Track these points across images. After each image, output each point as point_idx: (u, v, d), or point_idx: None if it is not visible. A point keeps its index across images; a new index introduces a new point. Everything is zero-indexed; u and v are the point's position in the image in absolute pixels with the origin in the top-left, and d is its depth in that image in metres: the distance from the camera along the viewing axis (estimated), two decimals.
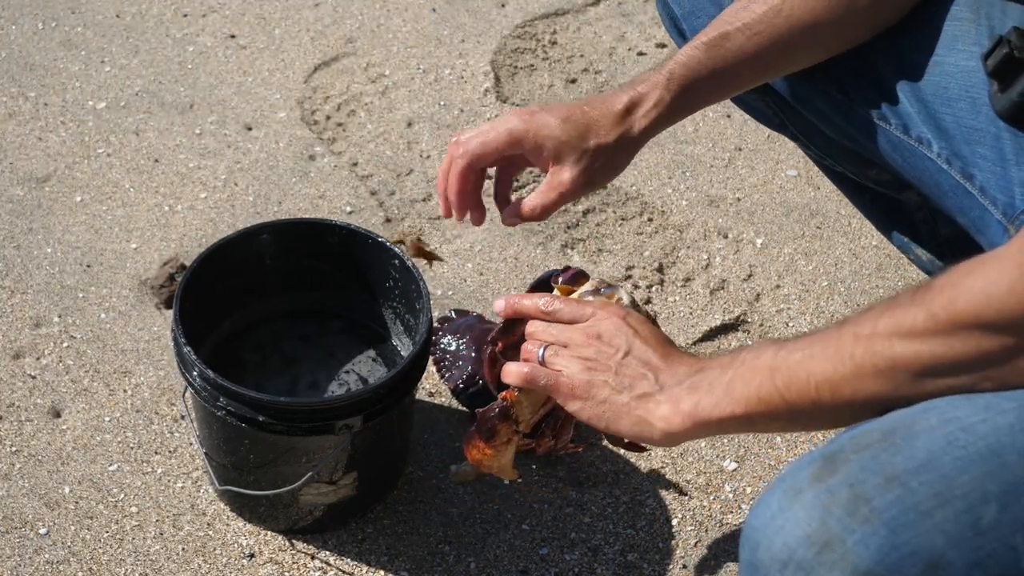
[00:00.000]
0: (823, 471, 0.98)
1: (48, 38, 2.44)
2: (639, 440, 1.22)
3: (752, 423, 1.13)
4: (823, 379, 1.06)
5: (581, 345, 1.25)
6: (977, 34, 1.34)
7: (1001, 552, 0.94)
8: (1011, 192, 1.30)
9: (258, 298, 1.76)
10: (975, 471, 0.95)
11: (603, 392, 1.21)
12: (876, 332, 1.03)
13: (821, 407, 1.07)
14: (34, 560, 1.62)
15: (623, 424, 1.20)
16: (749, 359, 1.13)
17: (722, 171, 2.23)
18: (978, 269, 0.99)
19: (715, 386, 1.15)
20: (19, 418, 1.78)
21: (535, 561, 1.66)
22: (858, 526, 0.95)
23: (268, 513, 1.65)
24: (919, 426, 0.98)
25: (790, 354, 1.09)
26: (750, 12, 1.38)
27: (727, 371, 1.14)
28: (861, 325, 1.05)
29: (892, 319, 1.02)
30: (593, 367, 1.23)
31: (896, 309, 1.03)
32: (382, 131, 2.28)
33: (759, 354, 1.12)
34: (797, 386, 1.08)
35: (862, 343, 1.04)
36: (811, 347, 1.08)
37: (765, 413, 1.11)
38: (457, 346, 1.83)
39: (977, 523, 0.94)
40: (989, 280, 0.97)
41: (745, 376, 1.12)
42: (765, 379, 1.10)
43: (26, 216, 2.08)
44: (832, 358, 1.06)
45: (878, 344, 1.02)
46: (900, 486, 0.95)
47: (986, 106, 1.31)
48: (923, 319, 1.00)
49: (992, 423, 0.97)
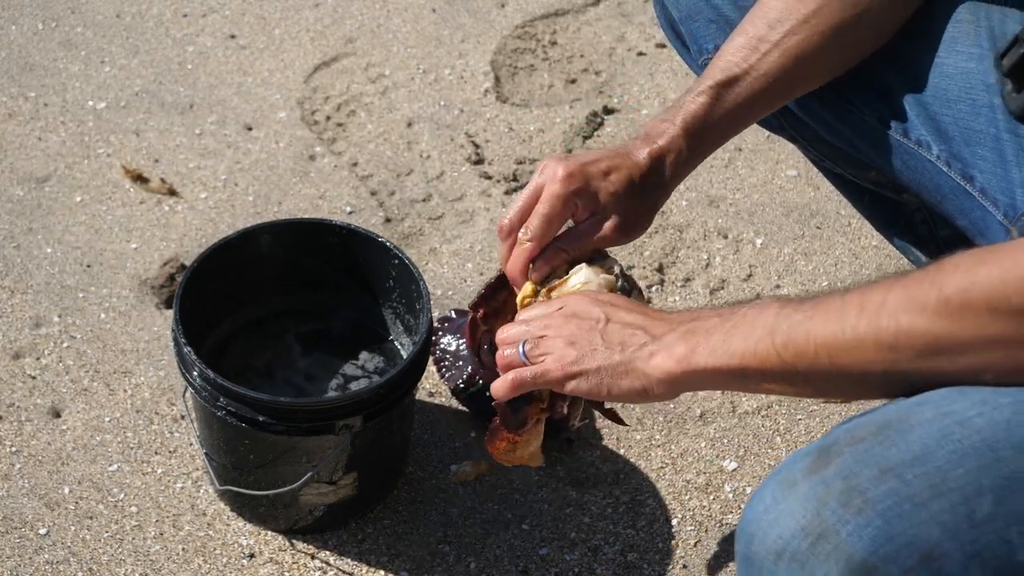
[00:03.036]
0: (817, 463, 0.99)
1: (48, 38, 2.44)
2: (641, 398, 1.20)
3: (746, 378, 1.12)
4: (822, 343, 1.05)
5: (560, 326, 1.24)
6: (976, 36, 1.33)
7: (996, 545, 0.94)
8: (1012, 193, 1.29)
9: (258, 298, 1.76)
10: (970, 464, 0.95)
11: (595, 360, 1.20)
12: (884, 304, 1.02)
13: (817, 371, 1.06)
14: (34, 560, 1.62)
15: (624, 383, 1.19)
16: (751, 314, 1.12)
17: (722, 171, 2.23)
18: (992, 256, 0.98)
19: (712, 334, 1.13)
20: (19, 418, 1.78)
21: (535, 561, 1.66)
22: (852, 517, 0.95)
23: (268, 513, 1.65)
24: (914, 419, 0.98)
25: (793, 313, 1.08)
26: (756, 53, 1.37)
27: (726, 321, 1.13)
28: (868, 296, 1.04)
29: (903, 293, 1.01)
30: (578, 340, 1.22)
31: (908, 285, 1.02)
32: (382, 131, 2.28)
33: (761, 310, 1.11)
34: (795, 346, 1.07)
35: (868, 313, 1.03)
36: (814, 309, 1.07)
37: (760, 369, 1.10)
38: (457, 346, 1.83)
39: (972, 515, 0.94)
40: (1005, 267, 0.97)
41: (743, 329, 1.11)
42: (764, 335, 1.09)
43: (26, 216, 2.08)
44: (834, 323, 1.05)
45: (885, 316, 1.02)
46: (895, 478, 0.95)
47: (986, 107, 1.31)
48: (935, 298, 0.99)
49: (988, 417, 0.97)
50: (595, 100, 2.36)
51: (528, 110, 2.33)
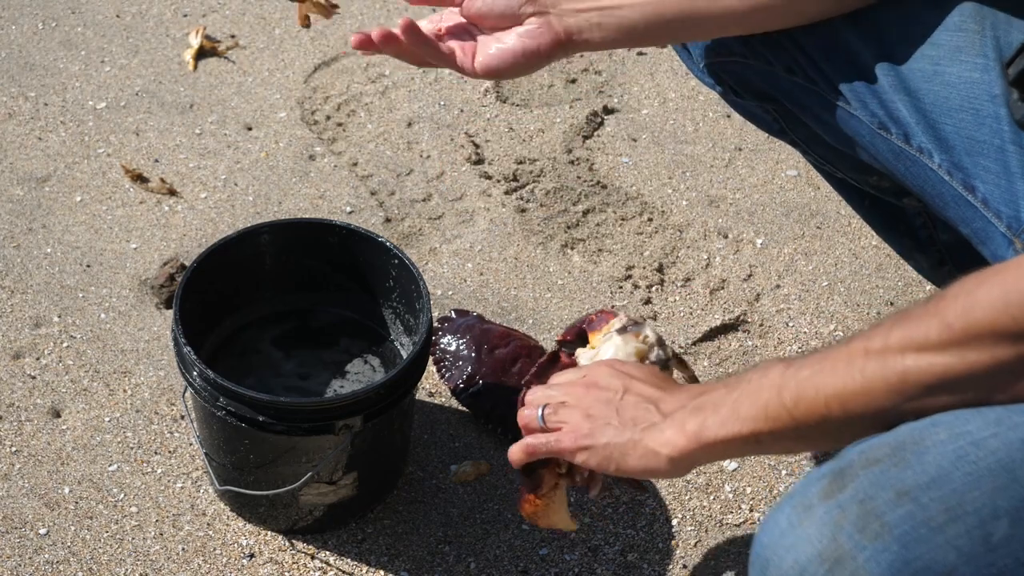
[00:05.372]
0: (832, 487, 0.98)
1: (48, 38, 2.44)
2: (649, 475, 1.20)
3: (760, 442, 1.12)
4: (833, 394, 1.05)
5: (580, 396, 1.25)
6: (982, 46, 1.31)
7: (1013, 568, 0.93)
8: (1016, 205, 1.28)
9: (258, 298, 1.76)
10: (986, 486, 0.94)
11: (607, 435, 1.21)
12: (888, 345, 1.02)
13: (831, 422, 1.06)
14: (34, 560, 1.62)
15: (631, 461, 1.19)
16: (755, 378, 1.12)
17: (722, 171, 2.23)
18: (992, 278, 0.98)
19: (720, 405, 1.14)
20: (19, 418, 1.78)
21: (535, 561, 1.66)
22: (869, 542, 0.94)
23: (268, 513, 1.65)
24: (929, 440, 0.97)
25: (798, 371, 1.08)
26: None
27: (733, 391, 1.13)
28: (872, 339, 1.03)
29: (904, 332, 1.01)
30: (594, 413, 1.23)
31: (908, 322, 1.01)
32: (382, 131, 2.28)
33: (765, 372, 1.11)
34: (806, 402, 1.07)
35: (873, 357, 1.03)
36: (820, 363, 1.07)
37: (773, 431, 1.10)
38: (457, 346, 1.83)
39: (988, 539, 0.93)
40: (1007, 288, 0.96)
41: (752, 395, 1.11)
42: (772, 396, 1.09)
43: (26, 216, 2.08)
44: (842, 373, 1.04)
45: (890, 358, 1.01)
46: (911, 501, 0.95)
47: (991, 118, 1.29)
48: (937, 330, 0.99)
49: (1003, 438, 0.96)
50: (595, 100, 2.35)
51: (528, 110, 2.33)
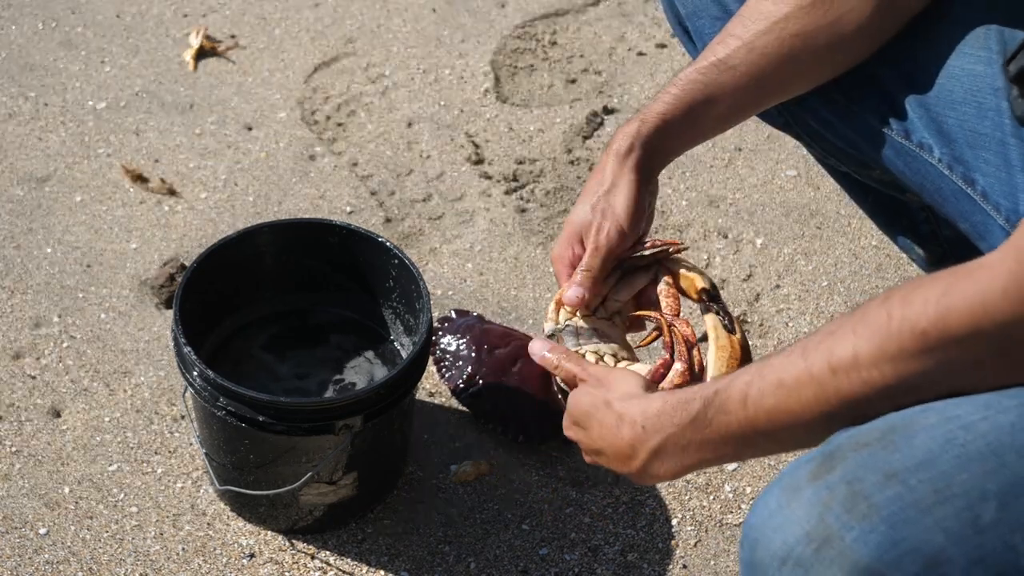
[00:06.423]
0: (821, 468, 0.98)
1: (48, 38, 2.44)
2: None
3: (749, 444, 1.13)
4: (808, 421, 1.05)
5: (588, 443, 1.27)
6: (986, 39, 1.31)
7: (1001, 551, 0.94)
8: (1015, 198, 1.28)
9: (258, 298, 1.76)
10: (974, 469, 0.95)
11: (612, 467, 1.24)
12: (858, 361, 1.00)
13: (813, 439, 1.06)
14: (34, 560, 1.62)
15: (637, 481, 1.23)
16: (717, 418, 1.11)
17: (722, 171, 2.23)
18: (967, 277, 0.97)
19: (687, 450, 1.14)
20: (19, 418, 1.78)
21: (535, 561, 1.66)
22: (856, 523, 0.95)
23: (268, 513, 1.65)
24: (918, 424, 0.98)
25: (761, 399, 1.07)
26: (726, 48, 1.38)
27: (708, 407, 1.12)
28: (836, 354, 1.02)
29: (873, 343, 1.00)
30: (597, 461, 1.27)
31: (875, 331, 1.00)
32: (382, 131, 2.28)
33: (725, 408, 1.10)
34: (782, 431, 1.07)
35: (843, 375, 1.01)
36: (785, 391, 1.05)
37: (749, 452, 1.13)
38: (457, 346, 1.83)
39: (976, 521, 0.94)
40: (982, 286, 0.95)
41: (714, 441, 1.12)
42: (741, 442, 1.10)
43: (26, 216, 2.08)
44: (814, 399, 1.04)
45: (864, 373, 1.00)
46: (899, 483, 0.95)
47: (992, 111, 1.29)
48: (909, 336, 0.98)
49: (992, 421, 0.96)
50: (595, 100, 2.35)
51: (528, 110, 2.33)
